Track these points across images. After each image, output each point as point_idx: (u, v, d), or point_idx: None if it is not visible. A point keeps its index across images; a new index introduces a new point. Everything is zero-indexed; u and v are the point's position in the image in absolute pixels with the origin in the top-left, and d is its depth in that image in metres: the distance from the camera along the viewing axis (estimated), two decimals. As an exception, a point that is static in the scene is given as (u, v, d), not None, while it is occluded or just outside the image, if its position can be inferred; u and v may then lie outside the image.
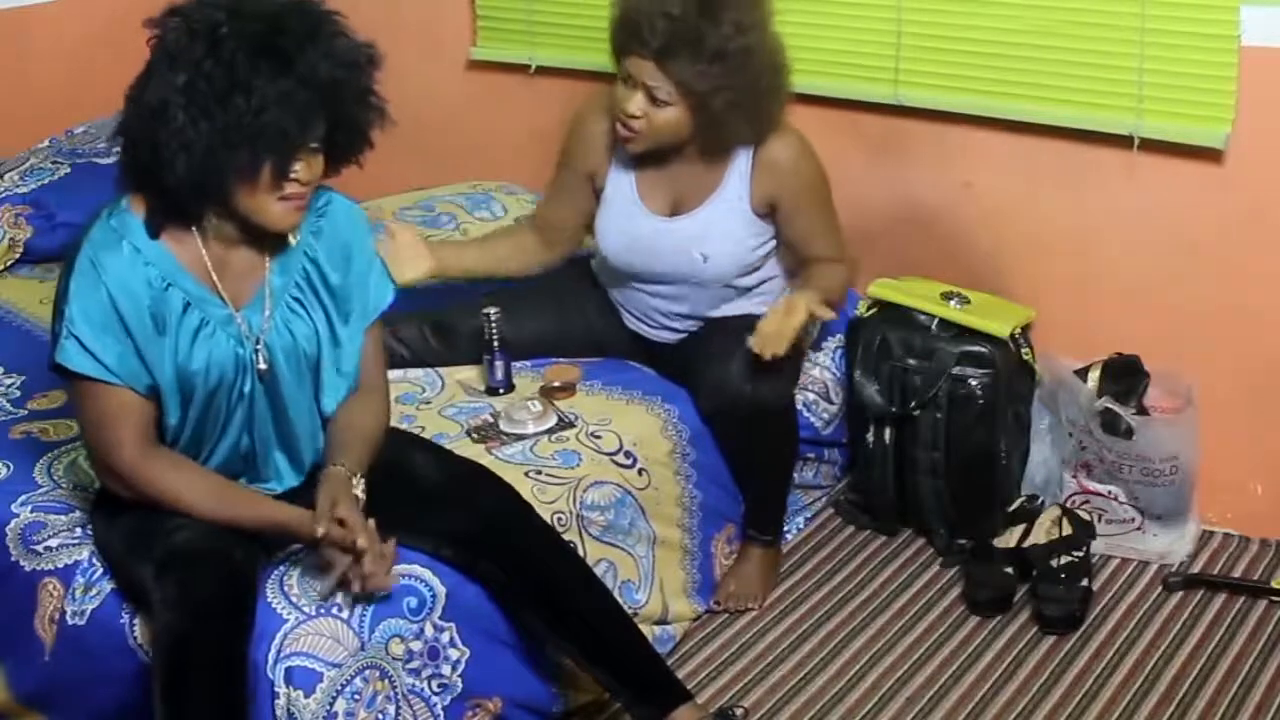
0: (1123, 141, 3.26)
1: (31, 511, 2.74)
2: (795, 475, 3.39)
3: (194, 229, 2.41)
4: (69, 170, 4.03)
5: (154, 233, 2.39)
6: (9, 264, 3.91)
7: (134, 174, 2.37)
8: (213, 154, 2.26)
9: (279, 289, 2.50)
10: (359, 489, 2.50)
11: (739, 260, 3.15)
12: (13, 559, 2.68)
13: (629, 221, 3.17)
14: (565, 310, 3.36)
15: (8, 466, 2.89)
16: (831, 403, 3.45)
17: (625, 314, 3.34)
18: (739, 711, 2.82)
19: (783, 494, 3.25)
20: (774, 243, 3.21)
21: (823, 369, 3.44)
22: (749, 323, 3.03)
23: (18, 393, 3.23)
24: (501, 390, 3.17)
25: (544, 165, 3.69)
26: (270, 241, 2.48)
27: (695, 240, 3.12)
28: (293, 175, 2.35)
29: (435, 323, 3.31)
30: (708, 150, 3.09)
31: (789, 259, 3.27)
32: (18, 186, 3.97)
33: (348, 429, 2.58)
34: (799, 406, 3.33)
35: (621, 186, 3.18)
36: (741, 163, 3.11)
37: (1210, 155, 3.18)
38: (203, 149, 2.25)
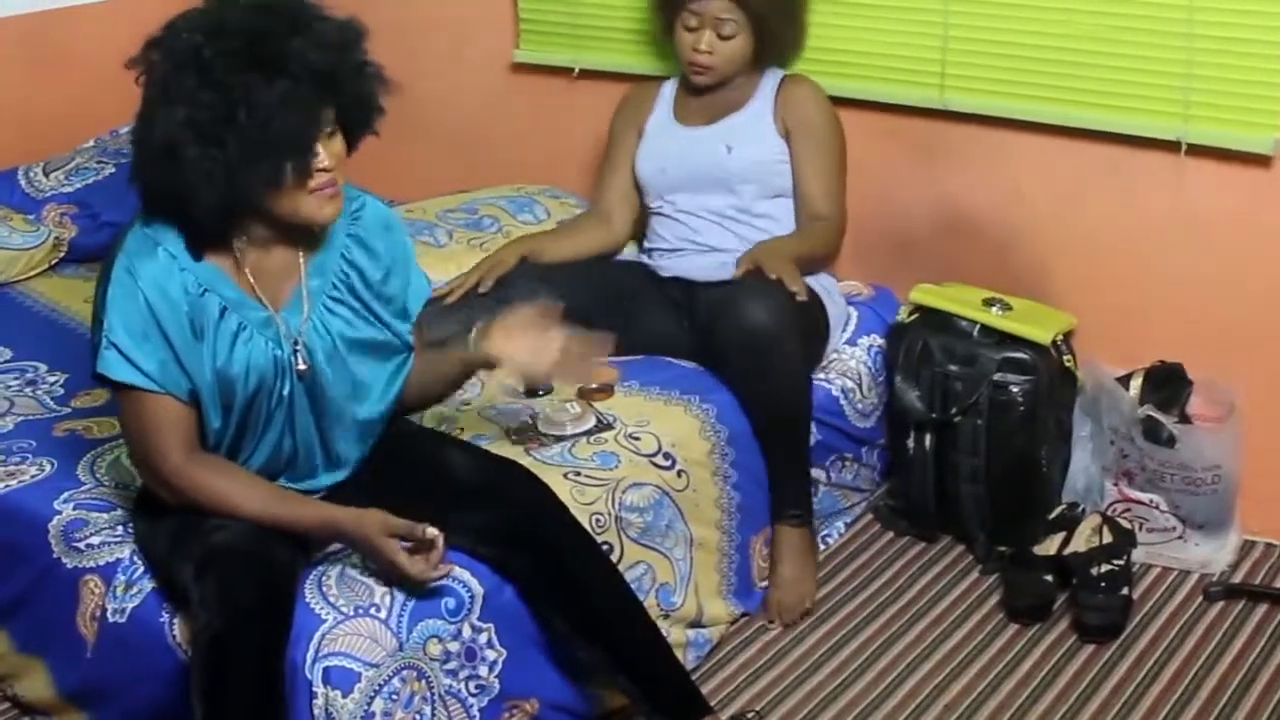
0: (1170, 147, 3.24)
1: (74, 509, 2.76)
2: (834, 475, 3.40)
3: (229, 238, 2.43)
4: (114, 170, 4.06)
5: (197, 256, 2.40)
6: (54, 262, 3.94)
7: (159, 210, 2.38)
8: (234, 176, 2.27)
9: (316, 290, 2.51)
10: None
11: (761, 161, 3.40)
12: (55, 556, 2.70)
13: (665, 137, 3.51)
14: (616, 305, 3.37)
15: (51, 464, 2.92)
16: (865, 395, 3.44)
17: (666, 258, 3.48)
18: (751, 716, 2.84)
19: (803, 455, 3.20)
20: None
21: (858, 361, 3.44)
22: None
23: (61, 390, 3.26)
24: (541, 392, 3.18)
25: (586, 168, 3.71)
26: (305, 241, 2.49)
27: (723, 137, 3.42)
28: (316, 166, 2.36)
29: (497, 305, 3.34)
30: (755, 66, 3.45)
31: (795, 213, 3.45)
32: (63, 186, 4.00)
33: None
34: (836, 393, 3.37)
35: (661, 116, 3.53)
36: (768, 86, 3.45)
37: (1258, 161, 3.16)
38: (223, 175, 2.27)
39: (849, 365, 3.42)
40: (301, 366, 2.49)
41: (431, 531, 2.41)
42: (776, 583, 3.17)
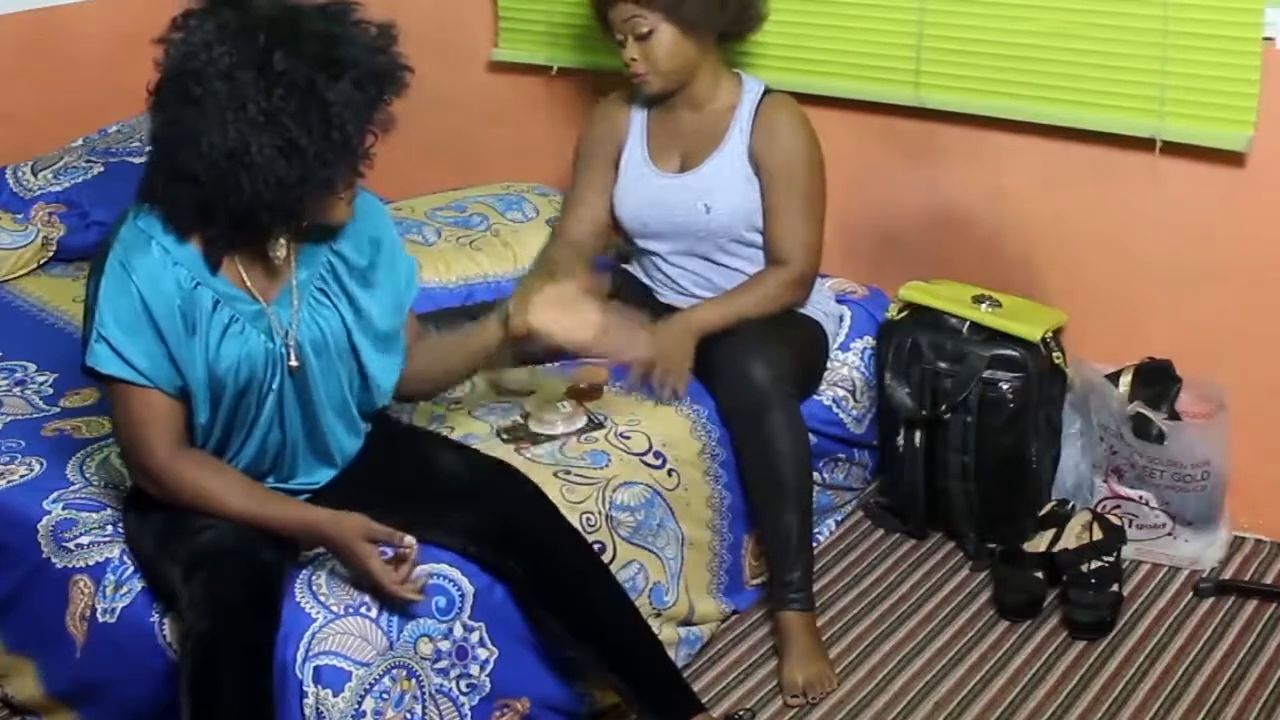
0: (1145, 144, 3.24)
1: (63, 509, 2.76)
2: (825, 475, 3.39)
3: None
4: (102, 169, 4.05)
5: (214, 266, 2.40)
6: (42, 262, 3.93)
7: (193, 213, 2.34)
8: (304, 180, 2.27)
9: (304, 283, 2.51)
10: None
11: (739, 212, 3.27)
12: (44, 556, 2.70)
13: (641, 182, 3.35)
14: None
15: (40, 463, 2.91)
16: (858, 401, 3.44)
17: (657, 289, 3.42)
18: (744, 714, 2.84)
19: (808, 531, 3.10)
20: None
21: (851, 368, 3.43)
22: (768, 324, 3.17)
23: (50, 390, 3.25)
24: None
25: (565, 168, 3.69)
26: (299, 236, 2.49)
27: (700, 193, 3.27)
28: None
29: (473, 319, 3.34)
30: (714, 57, 3.29)
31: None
32: (51, 185, 3.99)
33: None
34: (827, 403, 3.36)
35: (635, 153, 3.38)
36: (744, 115, 3.27)
37: (1233, 158, 3.17)
38: (296, 178, 2.26)
39: (841, 374, 3.41)
40: (294, 362, 2.48)
41: (409, 540, 2.41)
42: (792, 664, 2.95)
